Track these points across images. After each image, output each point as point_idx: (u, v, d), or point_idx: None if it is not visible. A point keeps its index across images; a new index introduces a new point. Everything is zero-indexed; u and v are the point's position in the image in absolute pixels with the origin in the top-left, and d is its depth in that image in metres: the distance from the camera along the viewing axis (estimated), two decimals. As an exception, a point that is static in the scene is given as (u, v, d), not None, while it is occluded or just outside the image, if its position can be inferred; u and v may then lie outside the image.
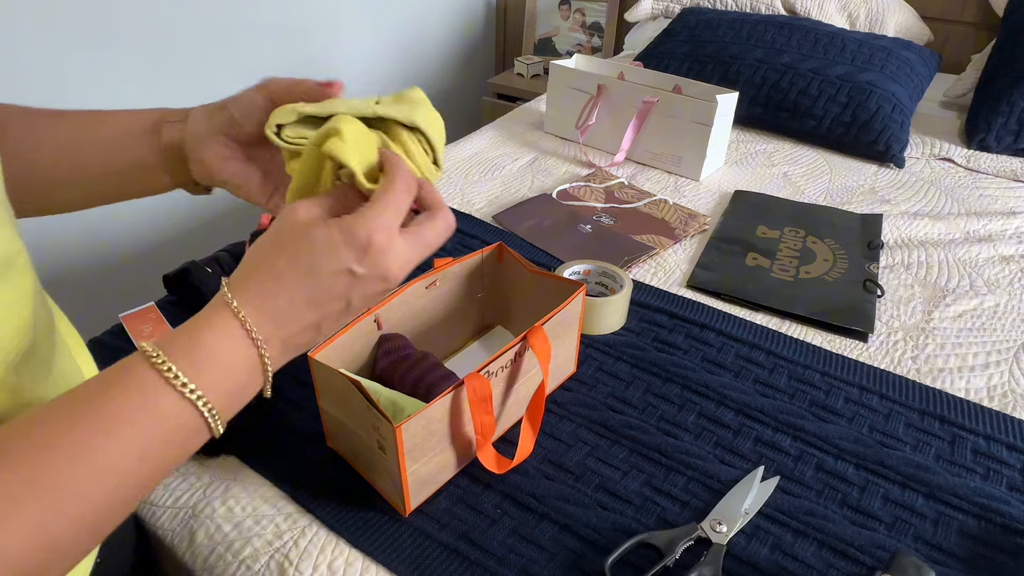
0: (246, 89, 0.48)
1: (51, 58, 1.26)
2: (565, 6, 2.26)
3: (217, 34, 1.53)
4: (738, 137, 1.45)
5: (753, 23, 1.53)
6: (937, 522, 0.62)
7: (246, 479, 0.64)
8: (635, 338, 0.83)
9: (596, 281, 0.89)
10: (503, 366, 0.63)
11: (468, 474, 0.65)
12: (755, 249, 1.03)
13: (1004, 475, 0.67)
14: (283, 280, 0.38)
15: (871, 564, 0.58)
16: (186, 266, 0.84)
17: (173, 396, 0.34)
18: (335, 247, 0.38)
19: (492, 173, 1.27)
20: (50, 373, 0.41)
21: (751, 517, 0.61)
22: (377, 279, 0.39)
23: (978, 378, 0.80)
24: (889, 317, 0.90)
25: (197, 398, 0.35)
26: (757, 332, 0.85)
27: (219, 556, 0.58)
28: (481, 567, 0.57)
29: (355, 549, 0.58)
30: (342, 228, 0.38)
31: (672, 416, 0.72)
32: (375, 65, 2.01)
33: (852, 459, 0.68)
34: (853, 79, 1.36)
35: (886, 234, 1.09)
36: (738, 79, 1.43)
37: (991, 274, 0.99)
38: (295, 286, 0.38)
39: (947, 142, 1.39)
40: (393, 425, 0.53)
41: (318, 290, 0.38)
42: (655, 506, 0.63)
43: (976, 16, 1.71)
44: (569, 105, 1.38)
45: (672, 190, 1.23)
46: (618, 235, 1.06)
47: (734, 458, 0.68)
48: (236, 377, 0.37)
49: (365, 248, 0.38)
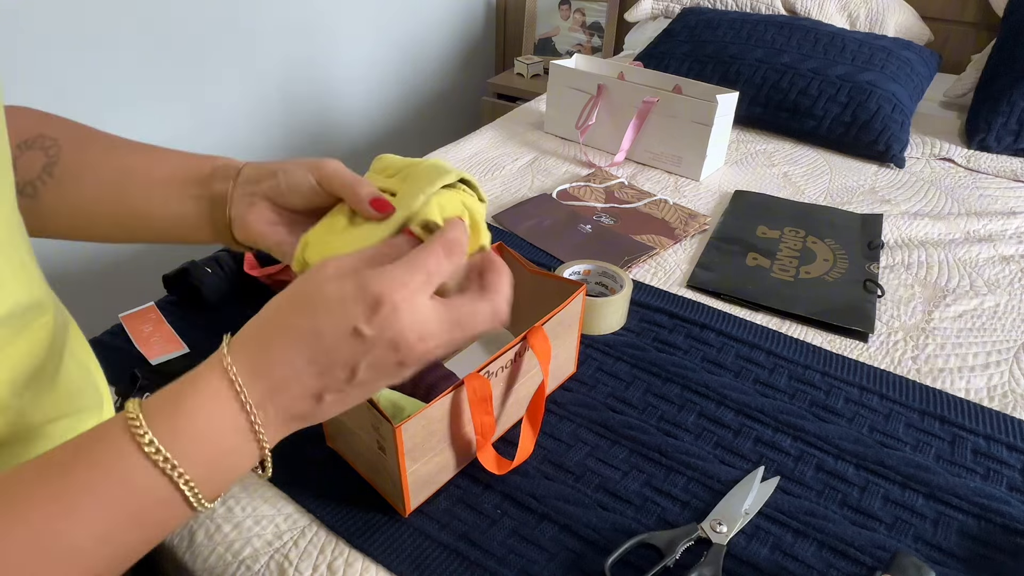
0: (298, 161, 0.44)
1: (51, 57, 1.26)
2: (565, 6, 2.26)
3: (217, 34, 1.53)
4: (738, 137, 1.45)
5: (753, 23, 1.53)
6: (937, 522, 0.62)
7: (246, 479, 0.64)
8: (635, 338, 0.83)
9: (596, 281, 0.89)
10: (503, 366, 0.63)
11: (468, 474, 0.64)
12: (755, 249, 1.03)
13: (1004, 475, 0.67)
14: (284, 337, 0.33)
15: (871, 564, 0.58)
16: (186, 266, 0.84)
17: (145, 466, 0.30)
18: (343, 302, 0.33)
19: (492, 173, 1.27)
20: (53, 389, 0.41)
21: (751, 517, 0.61)
22: (388, 347, 0.33)
23: (978, 378, 0.80)
24: (889, 317, 0.90)
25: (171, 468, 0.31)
26: (757, 332, 0.85)
27: (219, 556, 0.58)
28: (481, 567, 0.57)
29: (355, 549, 0.58)
30: (357, 281, 0.33)
31: (672, 416, 0.72)
32: (375, 65, 2.01)
33: (852, 459, 0.68)
34: (853, 79, 1.36)
35: (886, 234, 1.09)
36: (738, 79, 1.43)
37: (991, 274, 0.99)
38: (296, 344, 0.33)
39: (947, 142, 1.39)
40: (393, 425, 0.53)
41: (319, 350, 0.33)
42: (655, 506, 0.62)
43: (976, 16, 1.71)
44: (569, 105, 1.38)
45: (672, 190, 1.23)
46: (618, 235, 1.06)
47: (734, 458, 0.68)
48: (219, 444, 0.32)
49: (375, 306, 0.32)
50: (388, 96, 2.10)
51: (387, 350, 0.33)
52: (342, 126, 1.97)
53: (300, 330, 0.33)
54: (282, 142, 1.81)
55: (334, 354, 0.33)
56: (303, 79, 1.80)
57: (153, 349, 0.77)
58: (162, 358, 0.76)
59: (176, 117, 1.53)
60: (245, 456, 0.33)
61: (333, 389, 0.34)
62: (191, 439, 0.31)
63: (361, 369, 0.33)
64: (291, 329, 0.33)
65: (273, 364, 0.33)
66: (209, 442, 0.32)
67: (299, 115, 1.83)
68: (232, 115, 1.65)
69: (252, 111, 1.69)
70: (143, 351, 0.77)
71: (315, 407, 0.34)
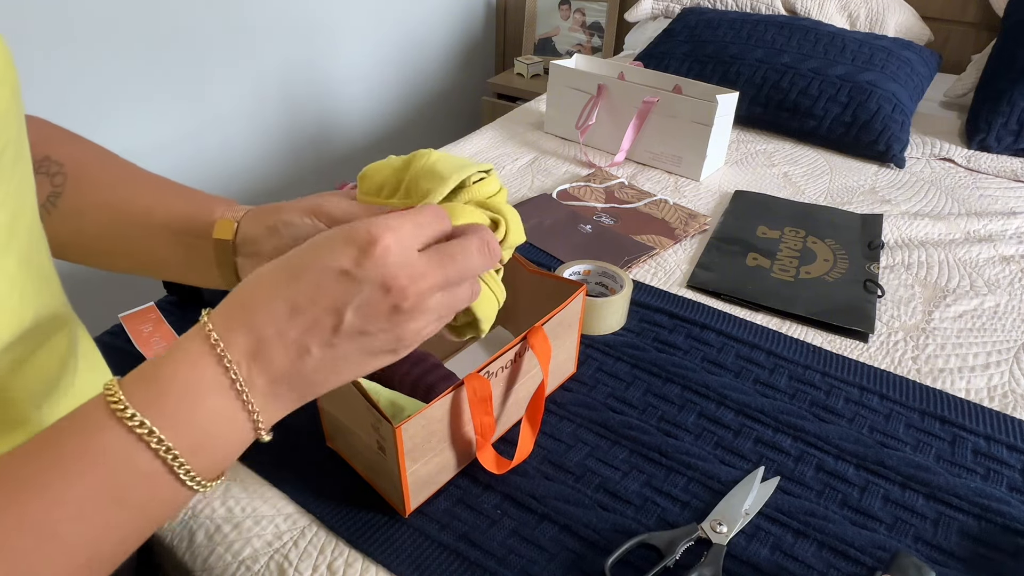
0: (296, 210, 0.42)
1: (51, 57, 1.26)
2: (565, 6, 2.26)
3: (217, 34, 1.53)
4: (738, 137, 1.45)
5: (753, 23, 1.53)
6: (937, 522, 0.62)
7: (245, 479, 0.64)
8: (635, 338, 0.83)
9: (596, 281, 0.89)
10: (503, 366, 0.63)
11: (468, 475, 0.64)
12: (755, 249, 1.03)
13: (1004, 475, 0.67)
14: (265, 290, 0.32)
15: (871, 564, 0.58)
16: (186, 266, 0.84)
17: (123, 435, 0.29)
18: (332, 245, 0.32)
19: (492, 173, 1.27)
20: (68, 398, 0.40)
21: (751, 517, 0.61)
22: (377, 287, 0.31)
23: (978, 378, 0.80)
24: (889, 317, 0.90)
25: (149, 434, 0.29)
26: (757, 332, 0.85)
27: (219, 556, 0.58)
28: (481, 568, 0.56)
29: (355, 550, 0.58)
30: (344, 229, 0.32)
31: (672, 416, 0.72)
32: (375, 66, 2.01)
33: (852, 459, 0.68)
34: (853, 79, 1.36)
35: (886, 234, 1.09)
36: (738, 79, 1.43)
37: (991, 274, 0.99)
38: (277, 293, 0.31)
39: (947, 142, 1.39)
40: (393, 425, 0.53)
41: (301, 295, 0.31)
42: (655, 506, 0.62)
43: (976, 16, 1.71)
44: (569, 105, 1.38)
45: (672, 190, 1.23)
46: (618, 235, 1.06)
47: (734, 458, 0.68)
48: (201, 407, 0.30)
49: (364, 247, 0.31)
50: (388, 96, 2.10)
51: (376, 291, 0.31)
52: (342, 126, 1.97)
53: (281, 280, 0.32)
54: (282, 142, 1.81)
55: (318, 297, 0.31)
56: (303, 79, 1.80)
57: (153, 349, 0.77)
58: (162, 358, 0.76)
59: (176, 117, 1.53)
60: (233, 421, 0.31)
61: (319, 341, 0.31)
62: (169, 402, 0.29)
63: (348, 314, 0.31)
64: (273, 281, 0.32)
65: (254, 317, 0.31)
66: (190, 404, 0.30)
67: (299, 115, 1.83)
68: (232, 115, 1.65)
69: (252, 111, 1.69)
70: (143, 351, 0.77)
71: (300, 363, 0.32)
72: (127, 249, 0.47)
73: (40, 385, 0.36)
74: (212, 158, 1.65)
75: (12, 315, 0.33)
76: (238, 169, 1.72)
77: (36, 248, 0.36)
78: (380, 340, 0.33)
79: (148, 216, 0.46)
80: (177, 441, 0.29)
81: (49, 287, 0.38)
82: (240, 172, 1.73)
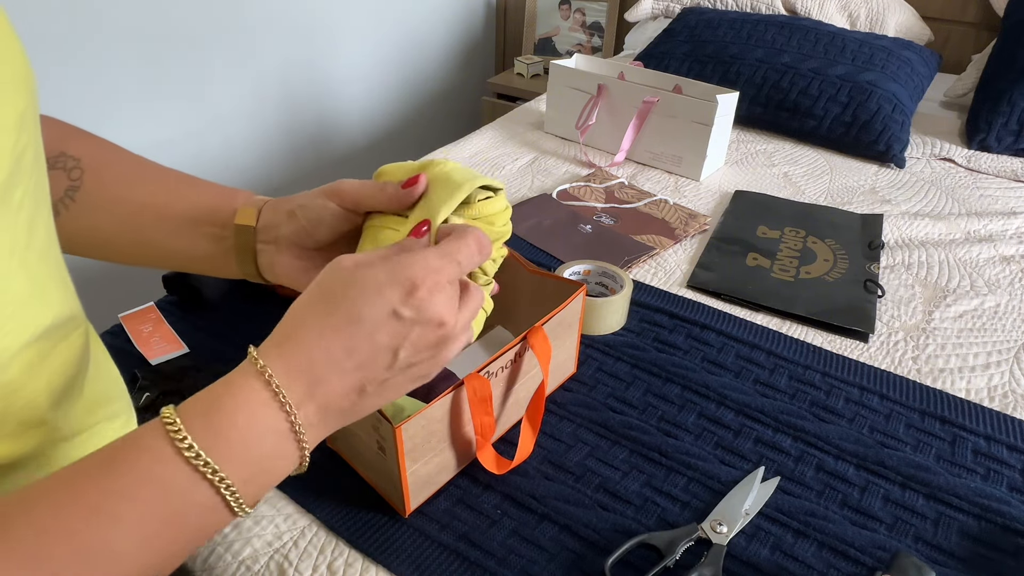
0: (312, 194, 0.45)
1: (51, 57, 1.26)
2: (565, 6, 2.25)
3: (217, 34, 1.53)
4: (738, 137, 1.45)
5: (753, 23, 1.53)
6: (937, 523, 0.62)
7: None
8: (635, 338, 0.83)
9: (596, 281, 0.89)
10: (503, 366, 0.63)
11: (468, 475, 0.64)
12: (755, 249, 1.03)
13: (1004, 475, 0.67)
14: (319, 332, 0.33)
15: (872, 565, 0.58)
16: (186, 266, 0.84)
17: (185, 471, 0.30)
18: (379, 287, 0.33)
19: (492, 173, 1.27)
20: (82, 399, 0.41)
21: (751, 518, 0.61)
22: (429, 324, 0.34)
23: (979, 378, 0.80)
24: (890, 317, 0.90)
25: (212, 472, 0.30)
26: (757, 332, 0.85)
27: (219, 556, 0.58)
28: (481, 568, 0.56)
29: (355, 550, 0.58)
30: (388, 267, 0.34)
31: (672, 416, 0.72)
32: (375, 66, 2.01)
33: (852, 459, 0.68)
34: (853, 79, 1.36)
35: (887, 234, 1.09)
36: (738, 79, 1.43)
37: (992, 274, 0.99)
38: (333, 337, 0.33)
39: (947, 142, 1.39)
40: (393, 425, 0.53)
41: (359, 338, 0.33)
42: (655, 507, 0.62)
43: (976, 16, 1.71)
44: (569, 105, 1.38)
45: (672, 190, 1.23)
46: (618, 235, 1.06)
47: (734, 458, 0.68)
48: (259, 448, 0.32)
49: (411, 289, 0.33)
50: (388, 96, 2.10)
51: (428, 328, 0.34)
52: (342, 126, 1.97)
53: (335, 322, 0.33)
54: (282, 142, 1.81)
55: (375, 339, 0.33)
56: (303, 79, 1.80)
57: (153, 349, 0.77)
58: (162, 358, 0.76)
59: (176, 117, 1.53)
60: (285, 458, 0.33)
61: (374, 379, 0.34)
62: (230, 443, 0.31)
63: (403, 352, 0.34)
64: (325, 323, 0.33)
65: (311, 361, 0.32)
66: (249, 446, 0.31)
67: (299, 115, 1.83)
68: (232, 115, 1.65)
69: (252, 111, 1.69)
70: (143, 351, 0.77)
71: (356, 401, 0.34)
72: (145, 240, 0.47)
73: (57, 385, 0.36)
74: (212, 158, 1.65)
75: (35, 312, 0.33)
76: (239, 169, 1.72)
77: (53, 247, 0.37)
78: (424, 367, 0.36)
79: (169, 207, 0.47)
80: (235, 478, 0.31)
81: (65, 286, 0.38)
82: (241, 172, 1.73)
